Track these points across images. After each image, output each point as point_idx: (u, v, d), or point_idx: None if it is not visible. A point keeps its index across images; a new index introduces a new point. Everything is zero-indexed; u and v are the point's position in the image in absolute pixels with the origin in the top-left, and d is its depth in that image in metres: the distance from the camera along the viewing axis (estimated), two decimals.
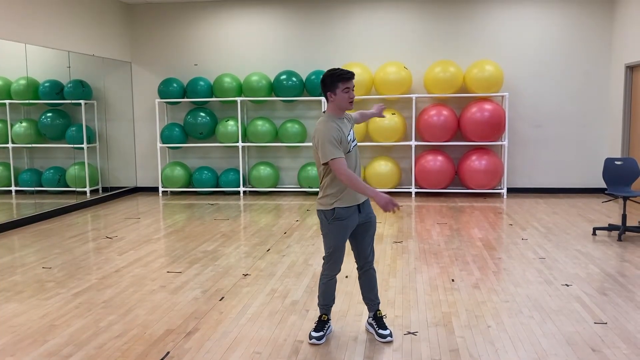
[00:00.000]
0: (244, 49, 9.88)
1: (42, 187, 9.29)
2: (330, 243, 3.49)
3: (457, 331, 3.72)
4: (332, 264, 3.56)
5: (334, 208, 3.43)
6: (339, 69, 3.44)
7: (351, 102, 3.44)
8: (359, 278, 3.69)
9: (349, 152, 3.43)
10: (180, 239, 6.53)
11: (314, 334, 3.57)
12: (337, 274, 3.63)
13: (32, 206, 8.44)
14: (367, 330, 3.74)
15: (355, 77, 8.83)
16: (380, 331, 3.60)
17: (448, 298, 4.35)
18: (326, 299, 3.66)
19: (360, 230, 3.55)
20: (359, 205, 3.49)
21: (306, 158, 9.84)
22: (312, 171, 9.43)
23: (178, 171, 9.78)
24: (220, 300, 4.39)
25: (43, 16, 7.86)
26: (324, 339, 3.59)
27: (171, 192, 10.05)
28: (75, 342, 3.64)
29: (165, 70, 10.06)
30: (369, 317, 3.75)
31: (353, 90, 3.44)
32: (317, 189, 9.50)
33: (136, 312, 4.15)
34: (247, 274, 5.06)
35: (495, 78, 8.90)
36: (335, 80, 3.39)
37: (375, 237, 3.79)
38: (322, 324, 3.64)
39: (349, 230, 3.49)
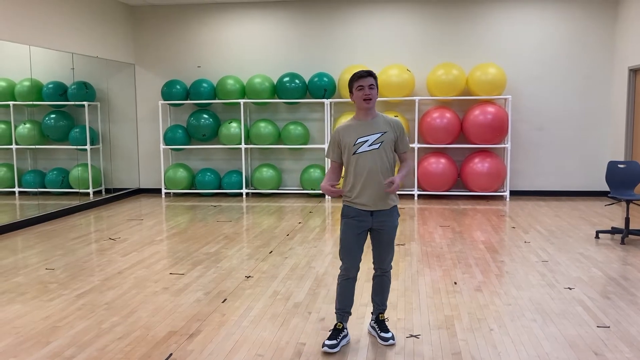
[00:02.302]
0: (247, 51, 9.90)
1: (45, 188, 9.31)
2: (340, 237, 3.56)
3: (460, 334, 3.72)
4: (342, 260, 3.55)
5: (344, 205, 3.55)
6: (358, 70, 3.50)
7: (366, 99, 3.41)
8: (372, 279, 3.70)
9: (354, 154, 3.43)
10: (182, 240, 6.54)
11: (327, 342, 3.46)
12: (352, 275, 3.54)
13: (36, 207, 8.47)
14: (370, 333, 3.73)
15: None
16: (382, 334, 3.58)
17: (450, 301, 4.35)
18: (341, 302, 3.57)
19: (374, 235, 3.54)
20: (371, 211, 3.46)
21: (309, 160, 9.85)
22: (315, 173, 9.44)
23: (181, 173, 9.80)
24: (222, 302, 4.40)
25: (47, 18, 7.89)
26: (338, 347, 3.47)
27: (174, 193, 10.06)
28: (78, 343, 3.65)
29: (169, 72, 10.08)
30: (371, 320, 3.73)
31: (371, 88, 3.40)
32: (319, 191, 9.53)
33: (139, 314, 4.15)
34: (249, 276, 5.07)
35: (498, 81, 8.90)
36: (351, 81, 3.46)
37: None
38: (336, 332, 3.53)
39: (358, 230, 3.47)
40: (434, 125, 9.00)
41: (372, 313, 3.74)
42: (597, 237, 6.42)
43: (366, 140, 3.43)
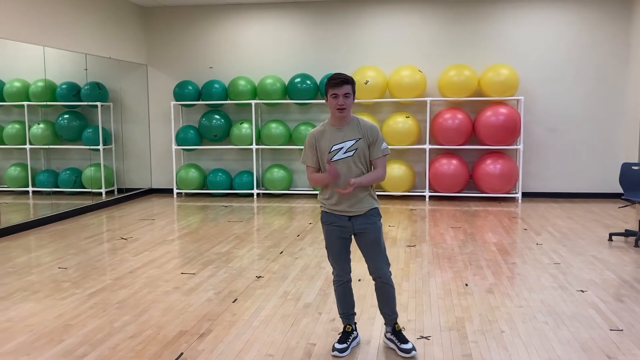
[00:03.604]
0: (258, 52, 9.92)
1: (58, 188, 9.39)
2: (325, 244, 3.53)
3: (471, 336, 3.70)
4: (332, 266, 3.53)
5: (322, 211, 3.51)
6: (335, 73, 3.34)
7: (339, 109, 3.29)
8: (375, 290, 3.56)
9: (329, 161, 3.34)
10: (194, 240, 6.57)
11: (337, 346, 3.44)
12: (345, 279, 3.51)
13: (49, 207, 8.54)
14: (387, 346, 3.55)
15: (370, 80, 8.96)
16: (403, 346, 3.43)
17: (461, 302, 4.33)
18: (342, 306, 3.56)
19: (358, 240, 3.46)
20: (349, 216, 3.39)
21: None
22: None
23: (192, 173, 9.84)
24: (233, 302, 4.41)
25: (61, 19, 7.96)
26: (348, 350, 3.45)
27: (185, 193, 10.11)
28: (90, 342, 3.67)
29: (181, 72, 10.13)
30: (387, 332, 3.57)
31: (346, 97, 3.26)
32: None
33: (150, 313, 4.18)
34: (260, 276, 5.08)
35: (510, 81, 8.84)
36: (326, 86, 3.33)
37: (387, 246, 3.63)
38: (346, 335, 3.51)
39: (341, 235, 3.42)
40: (445, 126, 8.97)
41: (385, 324, 3.58)
42: (610, 239, 6.36)
43: (341, 148, 3.34)
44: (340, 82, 3.26)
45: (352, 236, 3.48)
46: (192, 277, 5.09)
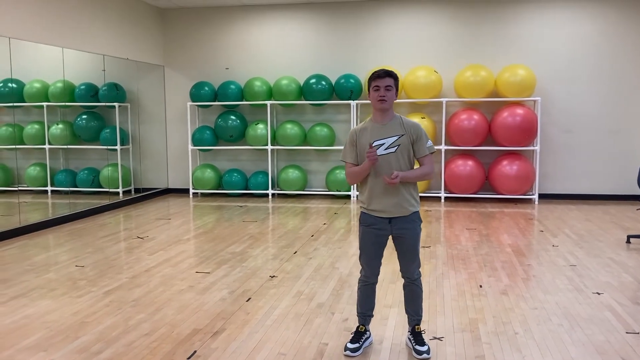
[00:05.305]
0: (274, 53, 9.96)
1: (76, 187, 9.51)
2: (359, 244, 3.51)
3: (484, 337, 3.68)
4: (362, 266, 3.52)
5: (361, 212, 3.49)
6: (379, 68, 3.39)
7: (380, 100, 3.29)
8: (403, 289, 3.57)
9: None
10: (209, 240, 6.61)
11: (349, 345, 3.44)
12: (372, 281, 3.50)
13: (67, 206, 8.66)
14: (407, 345, 3.57)
15: None
16: (417, 347, 3.42)
17: (475, 304, 4.31)
18: (362, 306, 3.56)
19: (395, 242, 3.44)
20: (389, 218, 3.37)
21: (334, 162, 9.85)
22: (340, 175, 9.43)
23: (208, 173, 9.91)
24: (247, 301, 4.43)
25: (79, 21, 8.06)
26: (360, 350, 3.45)
27: (201, 193, 10.17)
28: (105, 339, 3.72)
29: (197, 73, 10.21)
30: (408, 332, 3.58)
31: (387, 89, 3.27)
32: (345, 192, 9.53)
33: (165, 312, 4.22)
34: (273, 276, 5.10)
35: (527, 82, 8.77)
36: (369, 80, 3.35)
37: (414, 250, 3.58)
38: (358, 335, 3.51)
39: (376, 239, 3.41)
40: (461, 127, 8.92)
41: (408, 324, 3.59)
42: (628, 241, 6.28)
43: (382, 144, 3.32)
44: (383, 74, 3.29)
45: (389, 237, 3.44)
46: (206, 276, 5.12)
